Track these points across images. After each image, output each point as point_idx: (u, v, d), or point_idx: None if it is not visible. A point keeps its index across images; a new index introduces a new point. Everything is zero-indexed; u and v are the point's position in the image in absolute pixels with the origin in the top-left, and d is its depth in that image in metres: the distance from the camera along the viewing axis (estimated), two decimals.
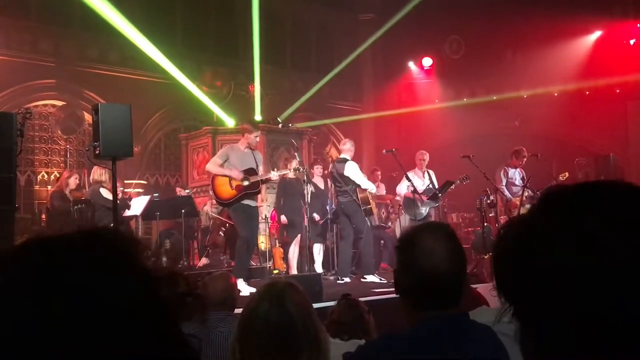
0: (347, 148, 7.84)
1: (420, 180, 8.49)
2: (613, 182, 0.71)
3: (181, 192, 10.16)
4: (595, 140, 13.81)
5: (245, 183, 6.56)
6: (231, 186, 6.60)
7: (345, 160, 7.72)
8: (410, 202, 8.25)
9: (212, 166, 6.78)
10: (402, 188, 8.50)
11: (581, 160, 11.24)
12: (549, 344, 0.67)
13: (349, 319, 2.78)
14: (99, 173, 7.64)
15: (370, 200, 7.73)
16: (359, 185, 7.62)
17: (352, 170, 7.62)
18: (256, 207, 6.93)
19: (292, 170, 7.60)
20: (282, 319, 1.66)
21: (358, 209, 7.56)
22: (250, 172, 6.66)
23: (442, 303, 1.59)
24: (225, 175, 6.62)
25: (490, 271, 4.00)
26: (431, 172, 8.73)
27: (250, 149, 6.83)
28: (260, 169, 6.87)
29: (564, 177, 8.81)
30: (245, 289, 6.07)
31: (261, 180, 6.77)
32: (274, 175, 7.23)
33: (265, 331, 1.65)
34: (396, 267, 1.67)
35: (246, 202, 6.66)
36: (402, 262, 1.64)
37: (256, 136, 6.86)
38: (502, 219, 8.78)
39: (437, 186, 8.52)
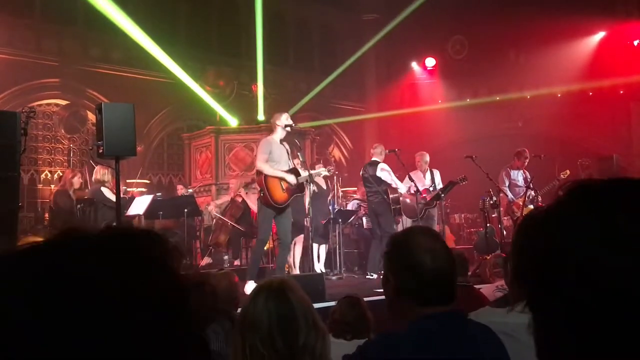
0: (377, 152, 8.29)
1: (421, 181, 8.51)
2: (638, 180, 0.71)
3: (182, 189, 10.17)
4: (599, 141, 13.78)
5: (291, 184, 6.42)
6: (282, 188, 6.39)
7: (377, 163, 8.11)
8: (407, 203, 8.30)
9: (265, 165, 6.38)
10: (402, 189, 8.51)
11: (584, 161, 11.20)
12: (566, 337, 0.67)
13: (351, 318, 2.79)
14: (101, 173, 7.65)
15: (401, 200, 8.06)
16: (389, 186, 7.97)
17: (385, 172, 8.01)
18: (289, 204, 6.62)
19: (327, 170, 7.62)
20: (281, 307, 1.72)
21: (388, 208, 7.89)
22: (294, 172, 6.52)
23: (444, 298, 1.65)
24: (278, 177, 6.36)
25: (493, 271, 3.99)
26: (436, 171, 8.73)
27: (282, 141, 6.60)
28: (297, 160, 6.71)
29: (565, 175, 8.80)
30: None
31: (310, 176, 6.65)
32: (312, 174, 7.15)
33: (264, 319, 1.69)
34: (393, 269, 1.71)
35: None
36: (403, 264, 1.68)
37: (284, 119, 6.57)
38: (505, 219, 8.78)
39: (441, 186, 8.53)
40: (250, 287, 5.79)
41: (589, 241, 0.66)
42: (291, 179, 6.42)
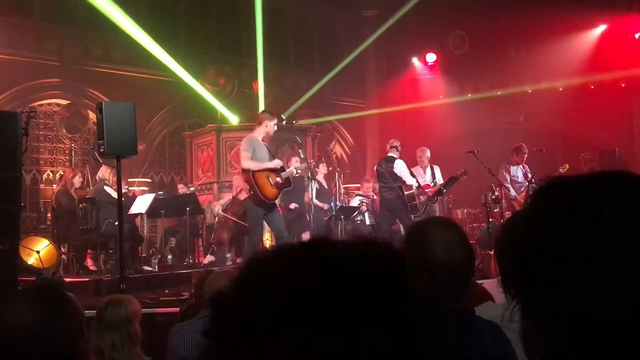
0: (394, 147, 8.24)
1: (422, 177, 8.50)
2: (623, 173, 0.67)
3: (183, 189, 10.18)
4: (600, 135, 13.76)
5: (279, 180, 6.43)
6: (271, 184, 6.38)
7: (393, 159, 8.09)
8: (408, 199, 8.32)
9: (251, 163, 6.38)
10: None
11: (586, 155, 11.19)
12: (557, 341, 0.65)
13: None
14: (107, 172, 7.66)
15: (415, 197, 8.06)
16: (404, 182, 7.97)
17: (401, 168, 8.01)
18: (274, 202, 6.66)
19: (311, 163, 7.61)
20: None
21: (404, 205, 7.89)
22: (279, 168, 6.51)
23: (455, 295, 1.59)
24: (268, 169, 6.35)
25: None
26: (436, 167, 8.72)
27: (262, 142, 6.60)
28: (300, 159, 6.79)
29: (565, 169, 8.77)
30: None
31: (311, 173, 6.70)
32: (297, 170, 7.13)
33: None
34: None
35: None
36: (414, 256, 1.61)
37: (275, 124, 6.62)
38: (507, 214, 8.76)
39: (441, 182, 8.52)
40: None
41: (574, 241, 0.63)
42: (277, 162, 6.44)
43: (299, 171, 7.38)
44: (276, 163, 6.43)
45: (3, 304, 1.60)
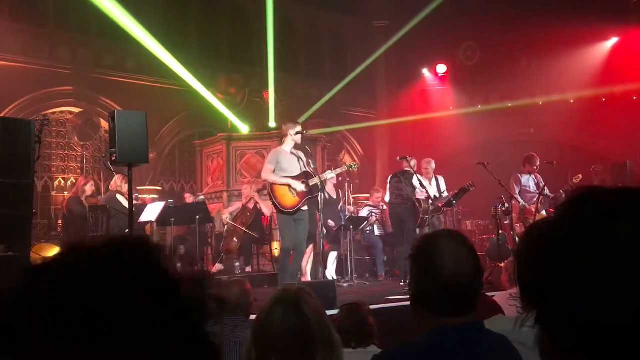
0: (413, 164, 8.24)
1: (427, 188, 8.48)
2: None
3: (190, 198, 10.21)
4: (612, 147, 13.67)
5: (303, 188, 6.48)
6: (293, 193, 6.47)
7: (412, 173, 8.10)
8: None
9: (270, 175, 6.54)
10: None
11: (597, 168, 11.13)
12: (573, 350, 0.66)
13: (350, 325, 2.73)
14: (119, 180, 7.70)
15: (429, 212, 8.10)
16: (416, 195, 8.02)
17: (422, 181, 8.05)
18: (306, 211, 6.68)
19: (346, 167, 7.63)
20: (298, 322, 1.68)
21: (417, 216, 7.92)
22: (306, 175, 6.56)
23: (462, 309, 1.57)
24: (286, 185, 6.46)
25: (509, 277, 3.94)
26: (440, 178, 8.69)
27: (293, 151, 6.65)
28: (310, 168, 6.70)
29: (578, 180, 8.71)
30: None
31: (321, 182, 6.64)
32: (330, 175, 7.14)
33: (281, 335, 1.66)
34: (414, 273, 1.65)
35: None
36: (423, 268, 1.61)
37: (297, 132, 6.62)
38: (518, 226, 8.71)
39: (445, 193, 8.51)
40: None
41: (590, 254, 0.64)
42: (296, 185, 6.46)
43: (329, 178, 7.44)
44: (295, 185, 6.47)
45: None
